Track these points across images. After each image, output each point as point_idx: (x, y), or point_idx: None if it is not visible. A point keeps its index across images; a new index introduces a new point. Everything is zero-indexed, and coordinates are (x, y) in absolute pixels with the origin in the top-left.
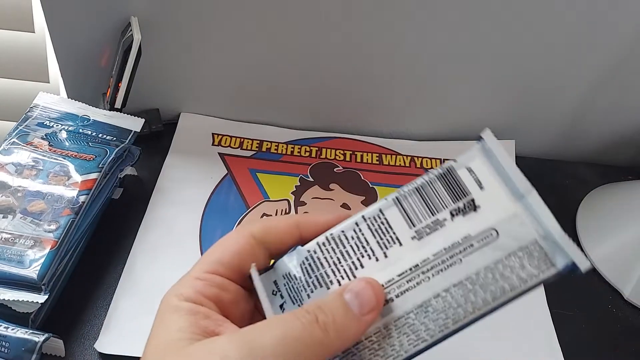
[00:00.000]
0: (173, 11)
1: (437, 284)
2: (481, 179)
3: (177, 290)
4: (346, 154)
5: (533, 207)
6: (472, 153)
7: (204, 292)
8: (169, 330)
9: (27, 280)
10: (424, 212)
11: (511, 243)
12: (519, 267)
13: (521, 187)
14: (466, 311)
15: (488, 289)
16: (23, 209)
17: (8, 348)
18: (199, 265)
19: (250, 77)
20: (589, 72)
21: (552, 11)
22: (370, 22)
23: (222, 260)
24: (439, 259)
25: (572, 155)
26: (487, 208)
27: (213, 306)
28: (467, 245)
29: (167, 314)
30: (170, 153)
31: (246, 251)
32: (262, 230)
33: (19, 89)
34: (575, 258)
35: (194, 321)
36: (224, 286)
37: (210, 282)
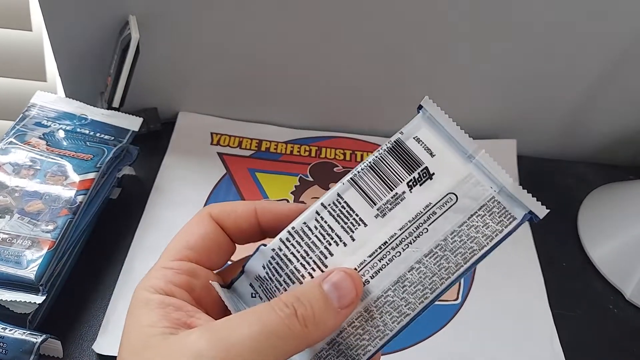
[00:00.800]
0: (171, 10)
1: (408, 257)
2: (430, 147)
3: (146, 282)
4: (346, 154)
5: (484, 165)
6: (416, 122)
7: (174, 280)
8: (140, 326)
9: (24, 281)
10: (381, 188)
11: (471, 203)
12: (482, 225)
13: (469, 148)
14: (442, 278)
15: (458, 252)
16: (20, 209)
17: (6, 349)
18: (166, 254)
19: (250, 76)
20: (590, 72)
21: (552, 11)
22: (370, 22)
23: (188, 245)
24: (406, 232)
25: (573, 155)
26: (441, 174)
27: (185, 294)
28: (430, 213)
29: (137, 309)
30: (169, 152)
31: (211, 232)
32: (221, 212)
33: (16, 88)
34: (532, 207)
35: (164, 314)
36: (194, 272)
37: (179, 269)
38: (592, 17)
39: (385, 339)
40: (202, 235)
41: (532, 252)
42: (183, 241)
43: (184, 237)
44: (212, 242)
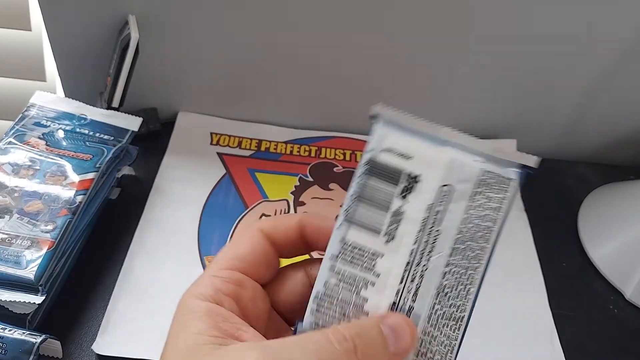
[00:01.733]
0: (171, 10)
1: (436, 265)
2: (403, 151)
3: (195, 289)
4: (346, 154)
5: (459, 144)
6: (378, 133)
7: (223, 289)
8: (188, 334)
9: (24, 281)
10: (378, 213)
11: (466, 186)
12: (487, 200)
13: (439, 134)
14: (475, 268)
15: (477, 237)
16: (20, 209)
17: (5, 349)
18: (215, 264)
19: (250, 76)
20: (590, 72)
21: (552, 11)
22: (370, 22)
23: (238, 256)
24: (421, 243)
25: (573, 155)
26: (426, 172)
27: (232, 304)
28: (434, 214)
29: (185, 316)
30: (168, 152)
31: (260, 245)
32: (270, 227)
33: (16, 88)
34: (522, 161)
35: (213, 324)
36: (242, 282)
37: (228, 278)
38: (592, 17)
39: (455, 350)
40: (251, 247)
41: (532, 252)
42: (232, 252)
43: (233, 248)
44: (261, 255)
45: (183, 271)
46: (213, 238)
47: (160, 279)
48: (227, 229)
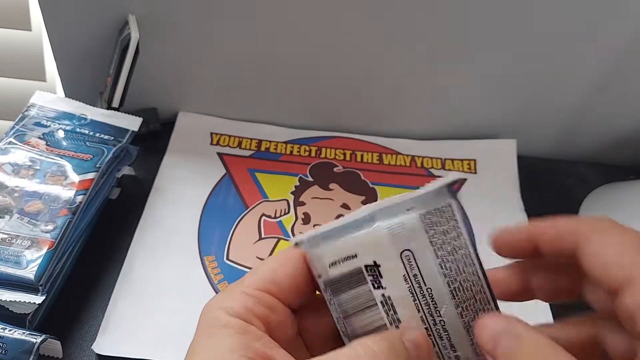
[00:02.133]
0: (171, 10)
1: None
2: (346, 255)
3: (224, 302)
4: (346, 154)
5: (383, 210)
6: (314, 257)
7: (254, 310)
8: (220, 349)
9: (24, 281)
10: (372, 313)
11: (420, 238)
12: (444, 235)
13: (361, 216)
14: (479, 291)
15: (461, 268)
16: (20, 209)
17: (5, 349)
18: (249, 280)
19: (250, 76)
20: (590, 72)
21: (552, 11)
22: (370, 22)
23: (275, 280)
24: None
25: (573, 155)
26: (377, 255)
27: (261, 326)
28: (413, 278)
29: (215, 329)
30: (168, 152)
31: (300, 274)
32: None
33: (16, 88)
34: (445, 183)
35: (246, 343)
36: (273, 307)
37: (260, 300)
38: (592, 17)
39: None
40: (290, 274)
41: None
42: (270, 273)
43: (271, 268)
44: (299, 284)
45: (183, 271)
46: (213, 238)
47: (160, 278)
48: (227, 229)
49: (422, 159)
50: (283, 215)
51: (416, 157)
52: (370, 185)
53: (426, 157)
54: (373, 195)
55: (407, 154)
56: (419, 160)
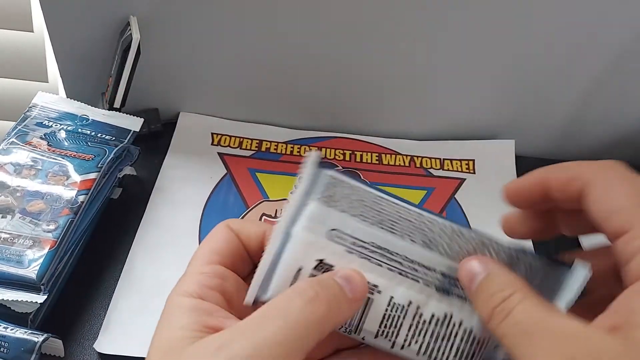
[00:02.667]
0: (172, 11)
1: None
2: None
3: (180, 288)
4: (346, 154)
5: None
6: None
7: (208, 284)
8: (171, 329)
9: (26, 280)
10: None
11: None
12: (344, 198)
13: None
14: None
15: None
16: (22, 209)
17: (7, 348)
18: (196, 261)
19: (250, 77)
20: (589, 72)
21: (552, 11)
22: (370, 22)
23: (215, 250)
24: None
25: (572, 155)
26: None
27: (219, 297)
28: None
29: (169, 313)
30: (170, 153)
31: (232, 240)
32: (238, 227)
33: (18, 89)
34: (313, 161)
35: (196, 318)
36: (224, 275)
37: (212, 273)
38: (591, 17)
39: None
40: (225, 241)
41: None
42: (209, 248)
43: (208, 244)
44: (236, 248)
45: (184, 270)
46: None
47: (162, 278)
48: None
49: (421, 159)
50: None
51: (415, 157)
52: None
53: (425, 157)
54: None
55: (407, 154)
56: (418, 161)
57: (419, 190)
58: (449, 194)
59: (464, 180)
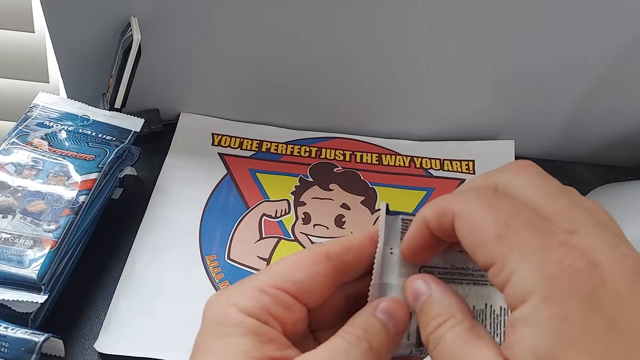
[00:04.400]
0: (173, 12)
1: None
2: None
3: (236, 299)
4: (346, 154)
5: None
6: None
7: (271, 310)
8: (228, 352)
9: (26, 280)
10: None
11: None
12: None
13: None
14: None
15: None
16: (23, 209)
17: (8, 348)
18: (265, 277)
19: (250, 77)
20: (589, 72)
21: (551, 11)
22: (370, 23)
23: (294, 278)
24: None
25: (572, 156)
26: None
27: (278, 327)
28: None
29: (226, 328)
30: (170, 153)
31: (322, 275)
32: (340, 249)
33: (19, 89)
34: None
35: (258, 345)
36: (290, 306)
37: (278, 299)
38: (591, 17)
39: None
40: (312, 275)
41: None
42: (290, 272)
43: (290, 266)
44: (320, 285)
45: (184, 270)
46: (214, 237)
47: (162, 278)
48: (228, 229)
49: (421, 160)
50: (283, 215)
51: (415, 157)
52: (370, 186)
53: (425, 157)
54: (373, 196)
55: (407, 154)
56: (418, 161)
57: (418, 191)
58: None
59: (463, 180)
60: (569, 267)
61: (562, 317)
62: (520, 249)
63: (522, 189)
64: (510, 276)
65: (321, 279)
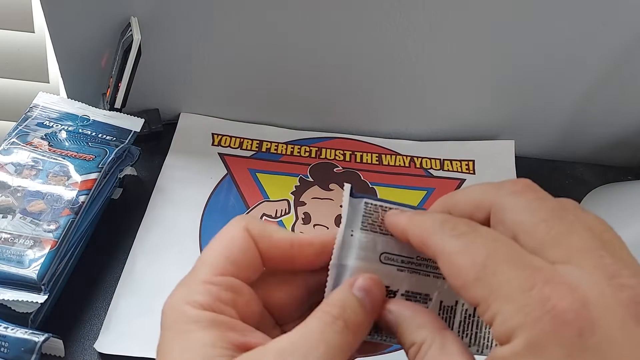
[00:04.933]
0: (173, 11)
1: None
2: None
3: (189, 296)
4: (346, 154)
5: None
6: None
7: (221, 297)
8: (193, 348)
9: (26, 280)
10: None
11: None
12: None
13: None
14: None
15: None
16: (23, 209)
17: (7, 348)
18: (206, 267)
19: (250, 77)
20: (589, 72)
21: (551, 12)
22: (370, 23)
23: (231, 259)
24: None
25: (572, 156)
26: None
27: (233, 312)
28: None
29: (186, 325)
30: (170, 153)
31: (250, 248)
32: (259, 232)
33: (19, 89)
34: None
35: (220, 335)
36: (238, 288)
37: (224, 284)
38: (591, 18)
39: None
40: (243, 249)
41: None
42: (224, 254)
43: (224, 250)
44: (252, 258)
45: (184, 271)
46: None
47: (162, 278)
48: None
49: (421, 160)
50: (283, 215)
51: (415, 157)
52: (370, 186)
53: (425, 157)
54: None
55: (407, 154)
56: (418, 161)
57: (418, 191)
58: None
59: (464, 180)
60: (553, 308)
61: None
62: (500, 290)
63: (516, 213)
64: (494, 317)
65: (251, 252)
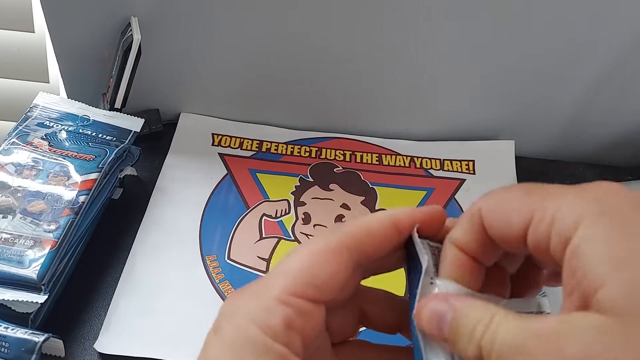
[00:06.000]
0: (173, 11)
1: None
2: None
3: (257, 315)
4: (346, 154)
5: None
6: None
7: (293, 324)
8: None
9: (26, 280)
10: None
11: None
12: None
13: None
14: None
15: None
16: (23, 209)
17: (8, 348)
18: (283, 283)
19: (250, 77)
20: (589, 73)
21: (551, 12)
22: (370, 23)
23: (315, 282)
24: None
25: (572, 156)
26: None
27: (299, 343)
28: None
29: (250, 356)
30: (170, 153)
31: (342, 271)
32: (358, 240)
33: (19, 89)
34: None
35: None
36: (311, 314)
37: (298, 309)
38: (591, 18)
39: None
40: (332, 273)
41: None
42: (309, 274)
43: (310, 266)
44: (341, 283)
45: (185, 270)
46: (214, 238)
47: (162, 278)
48: (229, 229)
49: (421, 160)
50: (284, 215)
51: (415, 157)
52: (370, 186)
53: (425, 157)
54: (373, 196)
55: (407, 154)
56: (418, 161)
57: (418, 191)
58: (449, 195)
59: (464, 180)
60: (613, 186)
61: (622, 220)
62: (554, 192)
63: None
64: (555, 213)
65: (342, 276)
